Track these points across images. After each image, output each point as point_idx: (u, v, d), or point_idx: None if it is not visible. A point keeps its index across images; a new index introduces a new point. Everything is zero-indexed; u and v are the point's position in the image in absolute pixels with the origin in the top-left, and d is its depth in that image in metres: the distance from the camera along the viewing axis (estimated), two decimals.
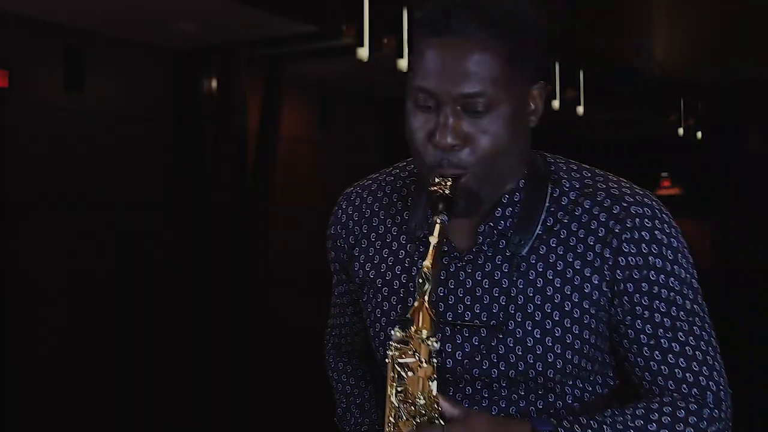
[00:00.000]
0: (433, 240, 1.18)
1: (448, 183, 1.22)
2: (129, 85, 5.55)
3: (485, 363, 1.28)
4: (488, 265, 1.29)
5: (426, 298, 1.15)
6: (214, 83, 5.84)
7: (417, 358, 1.16)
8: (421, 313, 1.16)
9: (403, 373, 1.18)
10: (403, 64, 5.52)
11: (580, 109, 7.77)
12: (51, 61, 5.06)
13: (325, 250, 1.51)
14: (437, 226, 1.19)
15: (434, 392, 1.17)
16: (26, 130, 4.95)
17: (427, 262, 1.15)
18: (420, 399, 1.17)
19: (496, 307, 1.27)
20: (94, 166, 5.28)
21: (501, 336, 1.27)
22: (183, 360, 5.71)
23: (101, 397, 5.22)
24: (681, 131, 10.02)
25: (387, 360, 1.19)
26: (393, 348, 1.18)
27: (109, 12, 4.86)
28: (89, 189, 5.26)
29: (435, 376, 1.17)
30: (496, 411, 1.30)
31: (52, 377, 5.00)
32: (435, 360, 1.17)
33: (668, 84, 9.59)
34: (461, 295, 1.30)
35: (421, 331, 1.16)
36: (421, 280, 1.15)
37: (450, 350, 1.30)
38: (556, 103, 7.41)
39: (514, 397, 1.29)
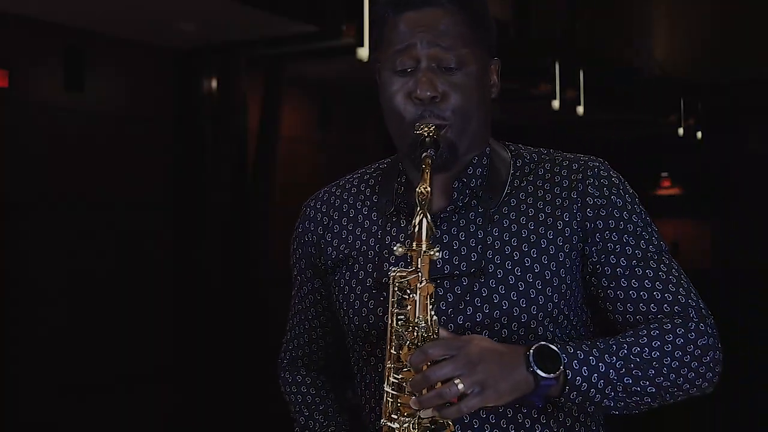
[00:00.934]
0: (426, 168, 1.25)
1: (432, 128, 1.30)
2: (129, 85, 5.55)
3: (469, 309, 1.32)
4: (462, 221, 1.36)
5: (426, 212, 1.21)
6: (214, 83, 5.84)
7: (419, 274, 1.20)
8: (421, 229, 1.21)
9: (404, 296, 1.22)
10: None
11: (580, 109, 7.77)
12: (51, 61, 5.07)
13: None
14: (427, 159, 1.26)
15: (435, 317, 1.20)
16: (26, 130, 4.95)
17: (425, 185, 1.22)
18: (421, 322, 1.20)
19: (474, 255, 1.33)
20: (94, 166, 5.28)
21: (482, 280, 1.32)
22: (183, 360, 5.72)
23: (101, 397, 5.22)
24: (681, 131, 10.03)
25: (388, 281, 1.23)
26: (394, 270, 1.23)
27: (109, 12, 4.86)
28: (89, 189, 5.26)
29: (434, 299, 1.21)
30: None
31: (52, 377, 5.00)
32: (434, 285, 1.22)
33: (668, 84, 9.59)
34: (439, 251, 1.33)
35: (421, 245, 1.21)
36: (420, 197, 1.21)
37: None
38: (556, 103, 7.42)
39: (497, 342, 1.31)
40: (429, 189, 1.22)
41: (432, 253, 1.20)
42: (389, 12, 1.36)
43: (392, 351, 1.22)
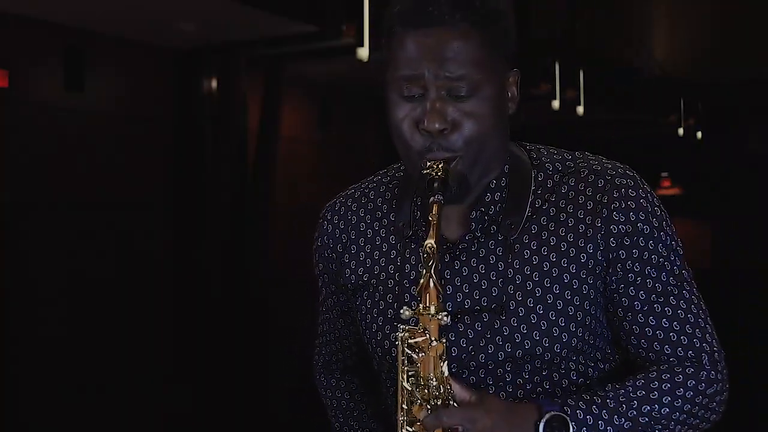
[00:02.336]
0: (433, 218, 1.19)
1: (440, 165, 1.23)
2: (129, 85, 5.55)
3: (490, 347, 1.28)
4: (482, 251, 1.30)
5: (432, 274, 1.16)
6: (214, 83, 5.84)
7: (427, 336, 1.17)
8: (428, 291, 1.17)
9: (414, 355, 1.18)
10: None
11: (580, 109, 7.77)
12: (51, 61, 5.06)
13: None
14: (435, 206, 1.20)
15: (446, 373, 1.18)
16: (26, 130, 4.95)
17: (431, 240, 1.16)
18: (432, 380, 1.17)
19: (495, 290, 1.28)
20: (94, 166, 5.27)
21: (504, 318, 1.27)
22: (183, 360, 5.71)
23: (101, 397, 5.22)
24: (681, 131, 10.03)
25: (396, 342, 1.19)
26: (402, 329, 1.19)
27: (109, 12, 4.86)
28: (89, 189, 5.26)
29: (445, 356, 1.18)
30: (504, 396, 1.30)
31: (52, 377, 5.00)
32: (444, 340, 1.18)
33: (668, 84, 9.59)
34: (459, 284, 1.30)
35: (429, 308, 1.16)
36: (425, 256, 1.16)
37: (454, 339, 1.30)
38: (556, 103, 7.42)
39: (519, 380, 1.29)
40: (434, 246, 1.16)
41: (440, 317, 1.16)
42: (396, 25, 1.27)
43: (404, 406, 1.20)
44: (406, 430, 1.20)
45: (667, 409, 1.24)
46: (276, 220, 6.25)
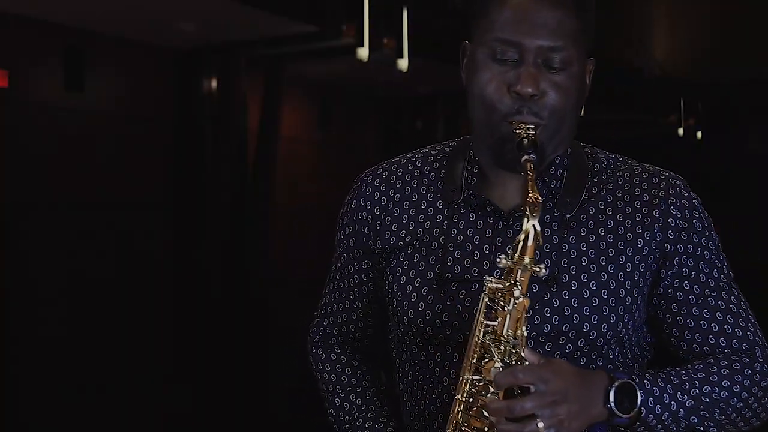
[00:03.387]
0: (530, 175, 1.18)
1: (530, 128, 1.23)
2: (129, 85, 5.55)
3: (537, 318, 1.26)
4: None
5: (537, 225, 1.14)
6: (214, 83, 5.84)
7: (517, 288, 1.15)
8: (527, 243, 1.15)
9: (494, 308, 1.16)
10: (403, 64, 5.52)
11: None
12: (51, 61, 5.06)
13: (331, 238, 1.48)
14: (528, 163, 1.20)
15: (525, 333, 1.16)
16: (26, 130, 4.95)
17: (534, 195, 1.15)
18: (511, 338, 1.15)
19: (547, 262, 1.27)
20: (94, 166, 5.27)
21: (555, 290, 1.27)
22: (183, 360, 5.71)
23: (101, 397, 5.22)
24: (681, 131, 10.02)
25: (483, 293, 1.17)
26: (490, 280, 1.17)
27: (109, 12, 4.86)
28: (89, 189, 5.26)
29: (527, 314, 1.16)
30: None
31: (52, 377, 4.99)
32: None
33: (668, 84, 9.59)
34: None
35: (524, 259, 1.15)
36: (531, 206, 1.15)
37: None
38: None
39: (561, 358, 1.27)
40: (539, 198, 1.15)
41: (538, 269, 1.15)
42: None
43: (473, 361, 1.18)
44: (472, 384, 1.18)
45: (726, 393, 1.25)
46: (276, 220, 6.25)
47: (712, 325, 1.29)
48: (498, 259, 1.16)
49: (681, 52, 9.36)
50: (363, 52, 5.17)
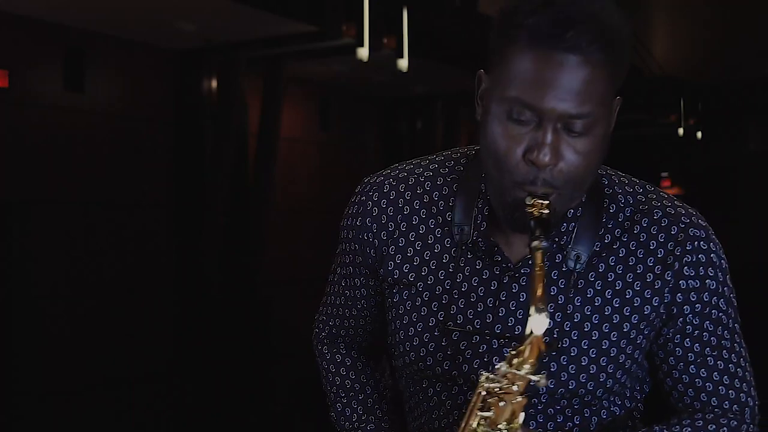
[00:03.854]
0: (539, 268, 1.09)
1: (545, 204, 1.14)
2: (129, 85, 5.55)
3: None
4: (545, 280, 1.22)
5: (540, 331, 1.07)
6: (214, 83, 5.84)
7: (516, 389, 1.09)
8: (530, 347, 1.08)
9: (491, 401, 1.11)
10: (403, 64, 5.52)
11: None
12: (51, 61, 5.07)
13: (332, 246, 1.42)
14: (538, 254, 1.10)
15: (520, 421, 1.11)
16: (26, 130, 4.95)
17: (539, 292, 1.07)
18: (504, 429, 1.12)
19: (551, 323, 1.20)
20: (94, 166, 5.28)
21: (554, 353, 1.22)
22: (183, 360, 5.71)
23: (101, 397, 5.22)
24: (681, 131, 10.03)
25: (478, 389, 1.11)
26: (486, 378, 1.11)
27: (109, 12, 4.86)
28: (89, 188, 5.26)
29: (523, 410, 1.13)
30: (534, 425, 1.27)
31: (51, 377, 5.00)
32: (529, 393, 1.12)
33: (668, 84, 9.59)
34: (513, 308, 1.24)
35: (525, 365, 1.09)
36: (532, 313, 1.07)
37: (497, 363, 1.22)
38: None
39: (551, 411, 1.27)
40: (541, 295, 1.07)
41: (536, 378, 1.08)
42: (523, 35, 1.11)
43: None
44: None
45: None
46: (276, 220, 6.25)
47: (707, 384, 1.28)
48: (497, 365, 1.10)
49: (681, 52, 9.36)
50: (363, 52, 5.17)
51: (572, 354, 1.23)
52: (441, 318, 1.26)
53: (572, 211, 1.23)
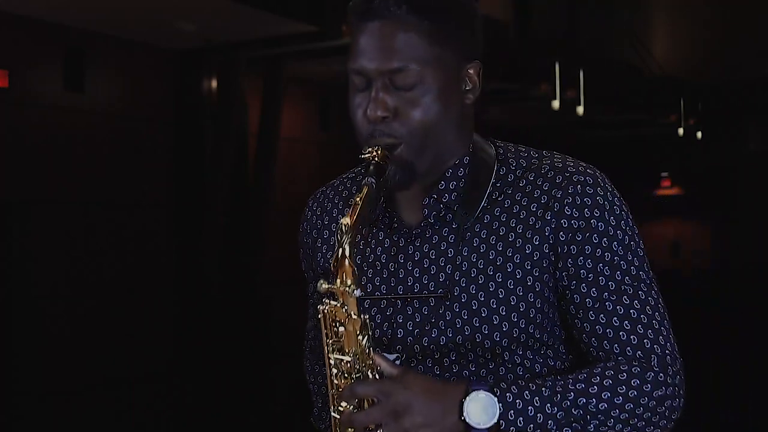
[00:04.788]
0: (359, 199, 1.20)
1: (379, 152, 1.27)
2: (129, 85, 5.55)
3: (434, 332, 1.29)
4: (435, 238, 1.32)
5: (346, 249, 1.17)
6: (214, 83, 5.85)
7: (345, 310, 1.17)
8: (343, 267, 1.17)
9: (336, 329, 1.20)
10: None
11: (580, 109, 7.77)
12: (51, 61, 5.07)
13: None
14: (364, 188, 1.22)
15: (367, 348, 1.18)
16: (26, 130, 4.96)
17: (346, 219, 1.17)
18: (352, 354, 1.18)
19: (442, 276, 1.30)
20: (94, 166, 5.28)
21: (448, 303, 1.29)
22: (183, 360, 5.72)
23: (101, 397, 5.22)
24: (681, 131, 10.03)
25: (319, 316, 1.21)
26: (324, 303, 1.20)
27: (109, 12, 4.86)
28: (89, 189, 5.27)
29: (368, 333, 1.18)
30: None
31: (51, 377, 5.00)
32: (366, 316, 1.19)
33: (668, 84, 9.59)
34: (410, 269, 1.32)
35: (346, 281, 1.17)
36: (339, 232, 1.17)
37: (401, 321, 1.31)
38: (556, 103, 7.41)
39: (465, 371, 1.30)
40: (349, 224, 1.17)
41: (351, 291, 1.17)
42: (354, 18, 1.35)
43: (334, 380, 1.21)
44: (336, 402, 1.22)
45: (605, 405, 1.22)
46: (276, 220, 6.25)
47: (608, 330, 1.27)
48: (318, 284, 1.18)
49: (681, 52, 9.37)
50: None
51: (463, 300, 1.28)
52: (360, 293, 1.31)
53: (452, 170, 1.32)
